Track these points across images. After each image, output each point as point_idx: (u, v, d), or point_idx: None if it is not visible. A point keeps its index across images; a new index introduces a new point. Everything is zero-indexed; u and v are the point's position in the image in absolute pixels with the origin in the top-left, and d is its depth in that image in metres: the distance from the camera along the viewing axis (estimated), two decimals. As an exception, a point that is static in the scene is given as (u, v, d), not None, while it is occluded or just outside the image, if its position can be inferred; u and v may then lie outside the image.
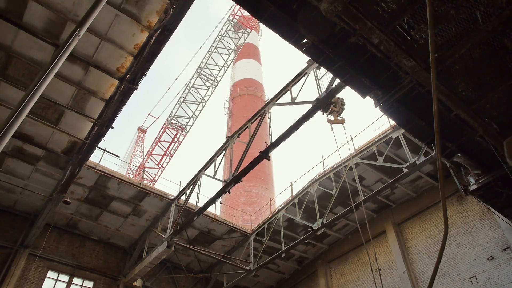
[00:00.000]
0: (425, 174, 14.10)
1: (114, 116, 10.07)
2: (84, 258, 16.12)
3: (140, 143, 43.70)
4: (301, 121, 9.65)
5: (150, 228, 16.45)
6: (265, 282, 20.27)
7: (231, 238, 17.71)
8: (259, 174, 32.40)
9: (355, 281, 16.26)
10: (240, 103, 41.11)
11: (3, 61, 10.87)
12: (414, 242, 14.47)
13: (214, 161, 13.54)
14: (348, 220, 16.54)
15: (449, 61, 3.42)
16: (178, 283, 18.10)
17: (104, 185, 14.78)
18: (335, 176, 14.33)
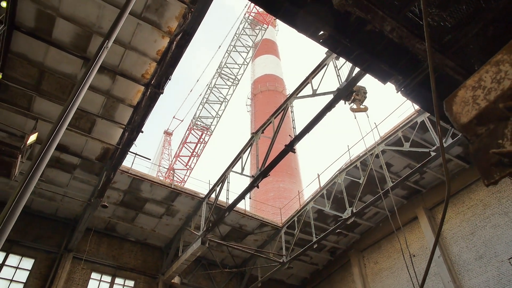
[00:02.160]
0: (454, 156, 13.87)
1: (143, 121, 10.51)
2: (124, 259, 16.83)
3: (167, 146, 44.70)
4: (323, 112, 9.76)
5: (184, 227, 16.95)
6: (299, 274, 20.48)
7: (263, 233, 17.99)
8: (285, 168, 32.56)
9: (389, 268, 16.21)
10: (261, 100, 41.31)
11: (37, 77, 11.54)
12: (448, 226, 14.28)
13: (241, 158, 13.83)
14: (378, 208, 16.48)
15: (462, 41, 3.50)
16: (214, 279, 18.58)
17: (138, 188, 15.37)
18: (362, 165, 14.33)
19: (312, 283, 20.33)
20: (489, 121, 1.64)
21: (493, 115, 1.62)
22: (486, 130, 1.66)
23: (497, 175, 1.59)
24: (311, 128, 10.15)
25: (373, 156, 13.55)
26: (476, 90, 1.70)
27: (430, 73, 2.02)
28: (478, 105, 1.66)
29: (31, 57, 10.97)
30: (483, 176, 1.64)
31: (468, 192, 14.01)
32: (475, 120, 1.68)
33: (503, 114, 1.57)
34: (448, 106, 1.81)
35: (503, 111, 1.56)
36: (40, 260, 14.78)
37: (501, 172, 1.57)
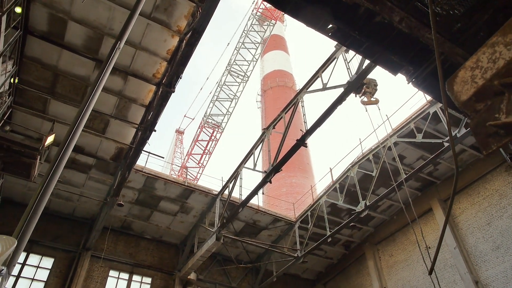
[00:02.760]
0: (468, 146, 13.71)
1: (155, 120, 10.65)
2: (140, 256, 17.11)
3: (179, 145, 45.06)
4: (334, 106, 9.76)
5: (198, 224, 17.14)
6: (314, 269, 20.53)
7: (276, 228, 18.08)
8: (297, 163, 32.54)
9: (404, 261, 16.15)
10: (271, 96, 41.29)
11: (51, 80, 11.78)
12: (463, 217, 14.15)
13: (252, 154, 13.91)
14: (392, 201, 16.40)
15: (472, 29, 3.49)
16: (229, 275, 18.76)
17: (152, 186, 15.59)
18: (374, 158, 14.27)
19: (327, 277, 20.36)
20: (487, 98, 1.77)
21: (489, 92, 1.75)
22: (484, 106, 1.80)
23: (494, 145, 1.75)
24: (322, 122, 10.16)
25: (386, 149, 13.49)
26: (474, 70, 1.83)
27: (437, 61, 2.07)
28: (476, 83, 1.80)
29: (45, 61, 11.20)
30: (482, 146, 1.76)
31: (483, 182, 13.85)
32: (474, 97, 1.82)
33: (498, 90, 1.72)
34: (449, 86, 1.95)
35: (498, 88, 1.71)
36: (59, 259, 15.13)
37: (498, 143, 1.73)
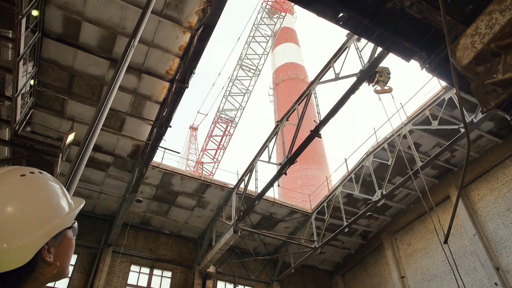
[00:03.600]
0: (486, 132, 13.51)
1: (170, 116, 10.81)
2: (160, 251, 17.45)
3: (194, 141, 45.43)
4: (347, 95, 9.74)
5: (215, 218, 17.36)
6: (332, 259, 20.58)
7: (293, 220, 18.17)
8: (312, 155, 32.49)
9: (423, 249, 16.05)
10: (284, 89, 41.20)
11: (68, 81, 12.05)
12: (482, 204, 13.97)
13: (267, 147, 13.99)
14: (409, 189, 16.28)
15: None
16: (248, 267, 18.97)
17: (169, 182, 15.84)
18: (389, 146, 14.18)
19: (345, 268, 20.40)
20: (486, 61, 1.96)
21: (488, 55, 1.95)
22: (483, 68, 1.99)
23: (493, 102, 1.92)
24: (336, 111, 10.15)
25: (401, 137, 13.38)
26: (474, 37, 2.01)
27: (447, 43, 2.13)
28: (476, 48, 1.99)
29: (61, 62, 11.46)
30: (481, 104, 1.90)
31: (502, 167, 13.63)
32: (474, 61, 2.00)
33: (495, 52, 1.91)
34: (452, 53, 2.13)
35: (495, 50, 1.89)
36: (82, 255, 15.56)
37: (495, 99, 1.91)
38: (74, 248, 1.01)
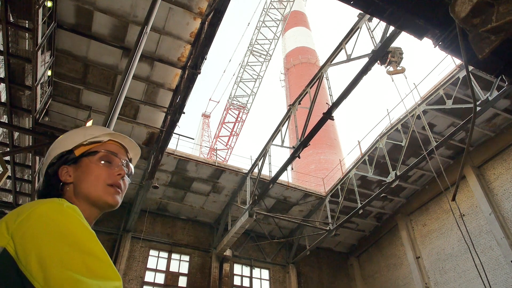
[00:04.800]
0: (502, 110, 13.30)
1: (184, 102, 10.95)
2: (177, 236, 17.86)
3: (206, 128, 45.72)
4: (359, 76, 9.70)
5: (231, 203, 17.63)
6: (347, 241, 20.74)
7: (307, 203, 18.32)
8: (325, 140, 32.43)
9: (438, 229, 16.05)
10: (295, 73, 40.92)
11: (82, 71, 12.26)
12: (499, 183, 13.85)
13: (280, 131, 14.06)
14: (424, 170, 16.22)
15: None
16: (263, 250, 19.28)
17: (184, 168, 16.11)
18: (403, 128, 14.10)
19: (360, 250, 20.55)
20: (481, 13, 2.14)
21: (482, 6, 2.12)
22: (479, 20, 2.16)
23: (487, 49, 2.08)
24: (348, 93, 10.14)
25: (414, 117, 13.28)
26: None
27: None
28: (472, 1, 2.17)
29: (75, 53, 11.65)
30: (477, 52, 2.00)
31: (519, 146, 13.45)
32: (471, 13, 2.17)
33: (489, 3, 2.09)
34: (452, 8, 2.32)
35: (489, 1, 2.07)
36: (102, 241, 15.43)
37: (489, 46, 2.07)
38: (98, 175, 1.16)
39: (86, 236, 0.90)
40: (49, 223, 0.86)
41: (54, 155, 1.18)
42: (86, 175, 1.14)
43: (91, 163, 1.16)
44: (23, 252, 0.80)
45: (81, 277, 0.79)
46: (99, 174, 1.15)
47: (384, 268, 18.64)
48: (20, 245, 0.81)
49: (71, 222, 0.90)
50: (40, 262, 0.79)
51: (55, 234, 0.84)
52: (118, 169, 1.20)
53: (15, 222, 0.85)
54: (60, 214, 0.90)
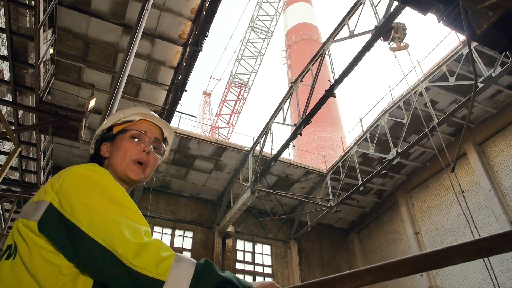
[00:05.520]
0: (505, 87, 13.24)
1: (185, 80, 10.94)
2: (181, 213, 18.17)
3: (208, 107, 45.61)
4: (362, 53, 9.64)
5: (233, 180, 17.83)
6: (347, 218, 21.07)
7: (308, 180, 18.51)
8: (327, 117, 32.39)
9: (438, 206, 16.28)
10: (297, 50, 40.43)
11: (83, 49, 12.17)
12: (499, 160, 13.95)
13: (281, 108, 14.07)
14: (425, 147, 16.29)
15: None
16: (265, 226, 19.64)
17: (186, 146, 16.22)
18: (405, 105, 14.08)
19: (361, 226, 20.90)
20: None
21: None
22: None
23: (485, 24, 2.15)
24: (351, 70, 10.09)
25: (417, 94, 13.25)
26: None
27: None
28: None
29: (75, 30, 11.54)
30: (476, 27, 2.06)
31: (520, 123, 13.47)
32: None
33: None
34: None
35: None
36: None
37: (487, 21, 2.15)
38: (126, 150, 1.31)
39: (118, 191, 1.05)
40: (86, 180, 1.03)
41: (98, 133, 1.37)
42: (117, 151, 1.29)
43: (122, 140, 1.31)
44: (68, 204, 0.97)
45: (119, 219, 0.95)
46: (127, 150, 1.29)
47: (384, 244, 19.01)
48: (64, 199, 0.98)
49: (104, 178, 1.07)
50: (83, 210, 0.95)
51: (93, 188, 1.01)
52: (144, 145, 1.33)
53: (58, 182, 1.02)
54: (94, 173, 1.07)
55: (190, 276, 0.90)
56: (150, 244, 0.93)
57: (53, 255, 0.95)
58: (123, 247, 0.89)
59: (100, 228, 0.92)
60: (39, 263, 0.94)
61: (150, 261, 0.89)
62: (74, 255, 0.93)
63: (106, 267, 0.89)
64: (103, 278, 0.92)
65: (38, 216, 0.97)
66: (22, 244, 0.97)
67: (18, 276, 0.93)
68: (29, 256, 0.94)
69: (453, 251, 0.72)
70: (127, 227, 0.94)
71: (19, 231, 0.99)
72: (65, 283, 0.92)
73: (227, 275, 0.96)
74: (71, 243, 0.93)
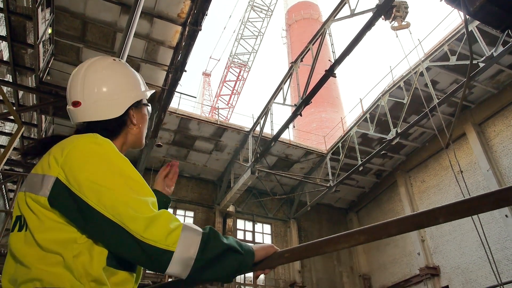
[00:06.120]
0: (506, 66, 13.17)
1: (185, 60, 10.87)
2: (182, 193, 18.36)
3: (207, 87, 45.37)
4: (363, 32, 9.56)
5: (233, 160, 17.94)
6: (346, 198, 21.30)
7: (308, 160, 18.63)
8: (327, 98, 32.29)
9: (436, 186, 16.45)
10: (297, 30, 39.92)
11: (80, 28, 12.03)
12: (498, 140, 14.01)
13: (281, 89, 14.04)
14: (424, 128, 16.33)
15: None
16: (265, 206, 19.89)
17: (186, 127, 16.26)
18: (405, 85, 14.04)
19: (359, 205, 21.15)
20: None
21: None
22: None
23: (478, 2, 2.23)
24: (351, 49, 10.03)
25: (417, 74, 13.20)
26: None
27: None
28: None
29: (72, 9, 11.38)
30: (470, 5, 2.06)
31: (521, 103, 13.46)
32: None
33: None
34: None
35: None
36: None
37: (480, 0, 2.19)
38: (147, 124, 1.37)
39: (122, 163, 1.05)
40: (91, 155, 1.03)
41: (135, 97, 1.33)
42: (144, 122, 1.35)
43: (145, 113, 1.37)
44: (75, 180, 0.98)
45: (127, 193, 0.98)
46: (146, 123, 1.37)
47: (382, 223, 19.27)
48: (70, 175, 0.98)
49: (108, 152, 1.06)
50: (91, 187, 0.96)
51: (98, 163, 1.01)
52: None
53: (62, 155, 1.02)
54: (99, 146, 1.06)
55: (197, 245, 0.98)
56: (159, 217, 0.97)
57: (66, 227, 0.98)
58: (133, 222, 0.94)
59: (109, 204, 0.95)
60: (54, 235, 0.97)
61: (159, 234, 0.94)
62: (86, 229, 0.98)
63: (118, 241, 0.95)
64: (116, 250, 0.98)
65: (47, 192, 0.98)
66: (32, 217, 1.00)
67: (34, 247, 0.97)
68: (43, 229, 0.98)
69: (437, 212, 0.79)
70: (135, 201, 0.97)
71: (28, 205, 1.01)
72: (80, 251, 0.97)
73: (230, 242, 1.05)
74: (82, 217, 0.96)
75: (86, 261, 0.97)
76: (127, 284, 1.06)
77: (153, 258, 0.94)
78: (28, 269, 0.95)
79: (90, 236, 0.99)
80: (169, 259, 0.94)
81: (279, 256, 1.05)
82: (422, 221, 0.82)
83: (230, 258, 1.02)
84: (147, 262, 0.95)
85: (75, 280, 0.94)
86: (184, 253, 0.95)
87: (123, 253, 0.97)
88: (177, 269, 0.96)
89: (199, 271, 0.97)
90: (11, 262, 1.01)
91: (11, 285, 0.98)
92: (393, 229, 0.84)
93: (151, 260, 0.94)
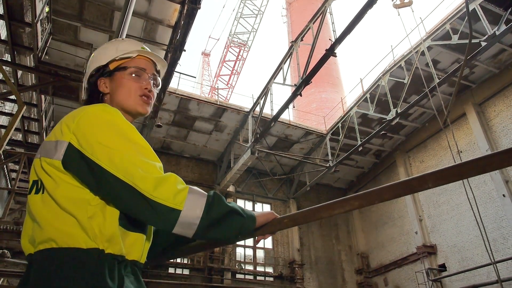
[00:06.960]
0: (509, 45, 13.06)
1: (184, 39, 10.77)
2: (182, 173, 18.49)
3: (207, 67, 45.00)
4: (364, 10, 9.44)
5: (233, 141, 18.00)
6: (346, 178, 21.47)
7: (308, 141, 18.69)
8: (327, 78, 32.08)
9: (435, 166, 16.55)
10: (297, 8, 39.27)
11: (78, 7, 11.86)
12: (498, 120, 14.03)
13: (281, 68, 13.95)
14: (425, 108, 16.32)
15: None
16: (265, 186, 20.07)
17: (186, 107, 16.24)
18: (406, 64, 13.96)
19: (359, 185, 21.34)
20: None
21: None
22: None
23: None
24: (352, 29, 9.93)
25: (419, 54, 13.10)
26: None
27: None
28: None
29: (69, -13, 11.21)
30: None
31: (522, 82, 13.41)
32: None
33: None
34: None
35: None
36: None
37: None
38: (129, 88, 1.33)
39: (130, 129, 1.12)
40: (102, 120, 1.10)
41: (93, 68, 1.35)
42: (120, 88, 1.32)
43: (123, 78, 1.33)
44: (87, 144, 1.04)
45: (136, 156, 1.05)
46: (130, 87, 1.32)
47: (381, 203, 19.48)
48: (83, 139, 1.05)
49: (117, 119, 1.12)
50: (102, 149, 1.03)
51: (108, 128, 1.08)
52: (146, 83, 1.36)
53: (74, 122, 1.09)
54: (108, 113, 1.13)
55: (203, 205, 1.04)
56: (167, 178, 1.04)
57: (80, 189, 1.05)
58: (143, 181, 0.99)
59: (120, 165, 1.01)
60: (69, 196, 1.04)
61: (168, 193, 1.01)
62: (98, 189, 1.04)
63: (128, 200, 1.01)
64: (127, 209, 1.04)
65: (60, 155, 1.05)
66: (49, 180, 1.06)
67: (51, 208, 1.03)
68: (58, 191, 1.04)
69: (427, 177, 0.84)
70: (144, 163, 1.03)
71: (43, 169, 1.08)
72: (94, 212, 1.03)
73: (233, 205, 1.12)
74: (94, 179, 1.02)
75: (101, 222, 1.03)
76: (138, 245, 1.12)
77: (162, 216, 1.00)
78: (44, 229, 1.02)
79: (102, 197, 1.05)
80: (176, 217, 1.00)
81: (279, 221, 1.11)
82: (414, 185, 0.87)
83: (233, 219, 1.09)
84: (156, 220, 1.02)
85: (90, 240, 1.00)
86: (191, 212, 1.02)
87: (133, 212, 1.03)
88: (184, 228, 1.02)
89: (204, 230, 1.04)
90: (30, 223, 1.08)
91: (30, 245, 1.05)
92: (387, 194, 0.89)
93: (160, 218, 1.01)
